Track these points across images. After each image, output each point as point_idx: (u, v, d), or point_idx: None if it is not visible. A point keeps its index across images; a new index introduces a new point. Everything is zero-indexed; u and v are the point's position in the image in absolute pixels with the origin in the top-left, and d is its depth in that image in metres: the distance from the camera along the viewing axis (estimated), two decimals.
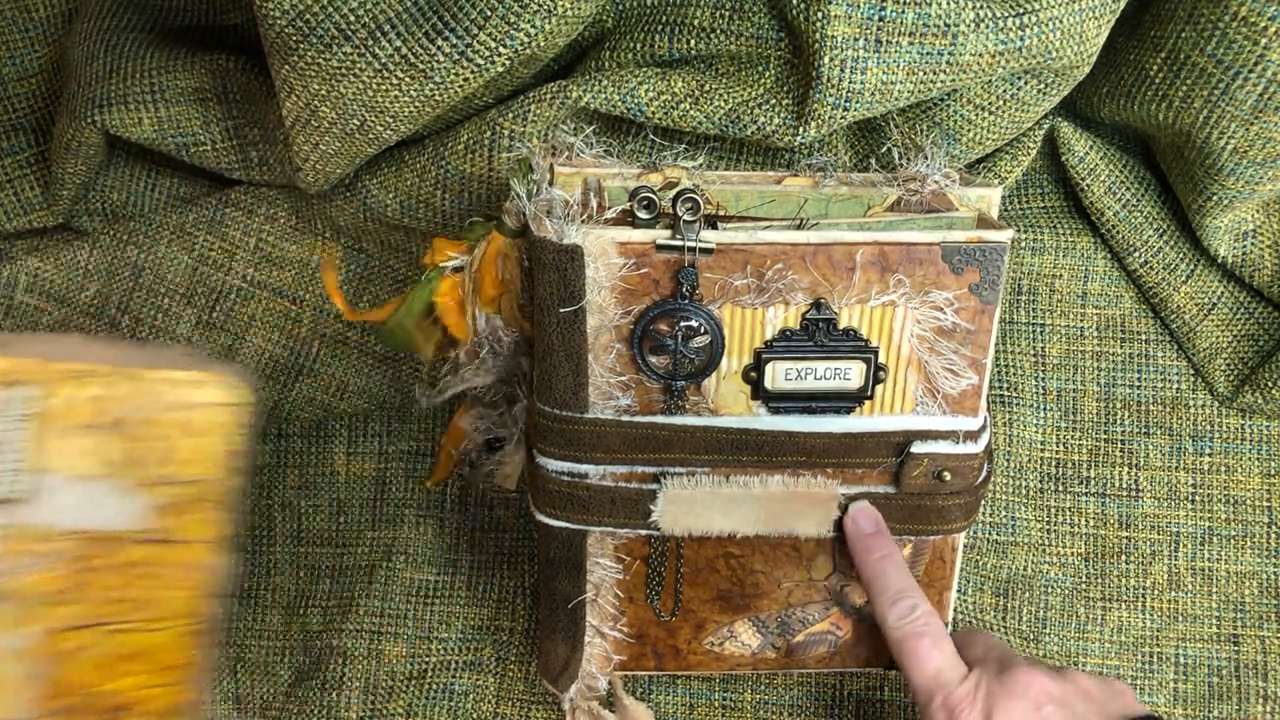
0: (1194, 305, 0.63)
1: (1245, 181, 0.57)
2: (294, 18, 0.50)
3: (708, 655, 0.56)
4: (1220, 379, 0.63)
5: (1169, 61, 0.56)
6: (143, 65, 0.60)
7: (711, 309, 0.47)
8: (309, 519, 0.63)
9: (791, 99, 0.53)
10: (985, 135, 0.57)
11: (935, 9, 0.51)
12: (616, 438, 0.49)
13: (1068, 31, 0.52)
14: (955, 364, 0.49)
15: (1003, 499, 0.63)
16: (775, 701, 0.61)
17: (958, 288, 0.47)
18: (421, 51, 0.49)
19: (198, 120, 0.60)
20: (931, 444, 0.50)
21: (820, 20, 0.50)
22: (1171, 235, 0.62)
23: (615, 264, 0.46)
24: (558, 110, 0.54)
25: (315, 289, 0.64)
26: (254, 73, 0.59)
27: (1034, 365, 0.63)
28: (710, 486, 0.50)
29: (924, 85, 0.52)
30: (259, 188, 0.63)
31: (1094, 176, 0.61)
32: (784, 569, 0.54)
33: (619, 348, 0.48)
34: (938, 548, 0.54)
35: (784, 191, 0.51)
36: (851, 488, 0.51)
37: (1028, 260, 0.63)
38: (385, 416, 0.64)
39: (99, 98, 0.59)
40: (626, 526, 0.51)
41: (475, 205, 0.57)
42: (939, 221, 0.49)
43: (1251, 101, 0.54)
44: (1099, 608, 0.63)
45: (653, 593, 0.54)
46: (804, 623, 0.55)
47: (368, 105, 0.51)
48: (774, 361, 0.48)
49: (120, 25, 0.62)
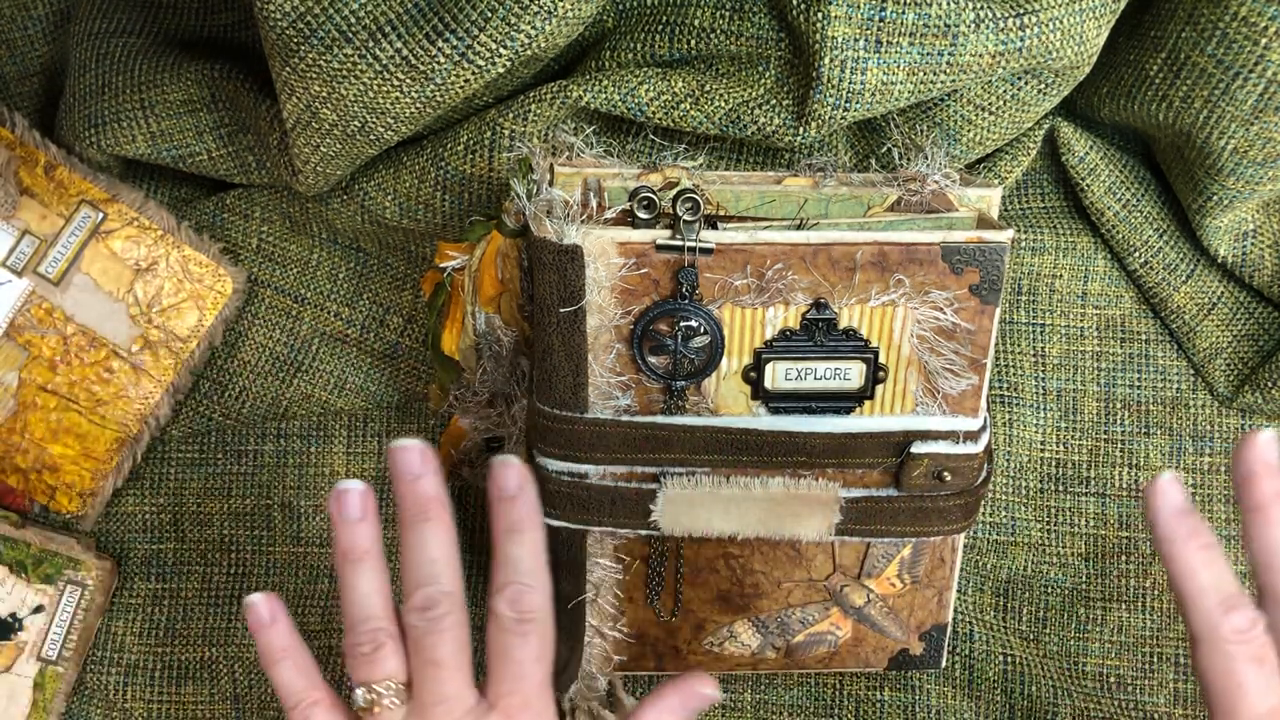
0: (1194, 305, 0.63)
1: (1245, 181, 0.57)
2: (295, 19, 0.50)
3: (707, 655, 0.56)
4: (1220, 379, 0.63)
5: (1169, 61, 0.56)
6: (133, 79, 0.60)
7: (711, 309, 0.47)
8: (309, 519, 0.63)
9: (792, 99, 0.53)
10: (985, 135, 0.57)
11: (935, 9, 0.50)
12: (616, 438, 0.49)
13: (1068, 31, 0.52)
14: (955, 364, 0.49)
15: (1003, 499, 0.63)
16: (775, 701, 0.61)
17: (958, 288, 0.47)
18: (422, 53, 0.49)
19: (190, 131, 0.60)
20: (931, 444, 0.50)
21: (820, 21, 0.50)
22: (1171, 235, 0.62)
23: (615, 264, 0.46)
24: (558, 110, 0.54)
25: (315, 287, 0.64)
26: (241, 79, 0.59)
27: (1034, 365, 0.63)
28: (710, 487, 0.50)
29: (924, 85, 0.52)
30: (256, 189, 0.63)
31: (1094, 176, 0.61)
32: (784, 569, 0.54)
33: (619, 348, 0.48)
34: (938, 548, 0.54)
35: (784, 191, 0.51)
36: (851, 488, 0.51)
37: (1028, 260, 0.63)
38: (385, 416, 0.64)
39: (94, 116, 0.59)
40: (626, 527, 0.51)
41: (475, 206, 0.57)
42: (939, 221, 0.49)
43: (1251, 101, 0.54)
44: (1099, 608, 0.63)
45: (653, 593, 0.54)
46: (804, 623, 0.55)
47: (368, 107, 0.51)
48: (774, 361, 0.48)
49: (111, 29, 0.62)
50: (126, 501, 0.63)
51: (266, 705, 0.62)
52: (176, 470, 0.64)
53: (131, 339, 0.60)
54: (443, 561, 0.42)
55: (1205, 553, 0.40)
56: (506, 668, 0.41)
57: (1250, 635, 0.39)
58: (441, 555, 0.42)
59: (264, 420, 0.64)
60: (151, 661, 0.62)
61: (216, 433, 0.64)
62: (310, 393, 0.64)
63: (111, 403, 0.61)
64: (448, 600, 0.41)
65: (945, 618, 0.57)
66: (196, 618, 0.63)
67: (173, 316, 0.61)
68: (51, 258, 0.59)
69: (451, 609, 0.41)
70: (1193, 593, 0.40)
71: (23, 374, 0.59)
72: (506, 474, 0.42)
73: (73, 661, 0.60)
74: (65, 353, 0.60)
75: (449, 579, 0.42)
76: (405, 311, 0.64)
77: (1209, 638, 0.39)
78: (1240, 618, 0.39)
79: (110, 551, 0.63)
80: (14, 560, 0.59)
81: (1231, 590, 0.39)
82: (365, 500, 0.43)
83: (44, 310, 0.59)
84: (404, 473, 0.42)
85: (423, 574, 0.41)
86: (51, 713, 0.60)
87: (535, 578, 0.41)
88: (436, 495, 0.42)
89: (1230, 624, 0.39)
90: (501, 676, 0.41)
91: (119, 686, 0.62)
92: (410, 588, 0.42)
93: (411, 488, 0.42)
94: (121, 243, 0.60)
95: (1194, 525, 0.40)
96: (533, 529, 0.42)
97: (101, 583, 0.61)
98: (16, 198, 0.58)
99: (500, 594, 0.41)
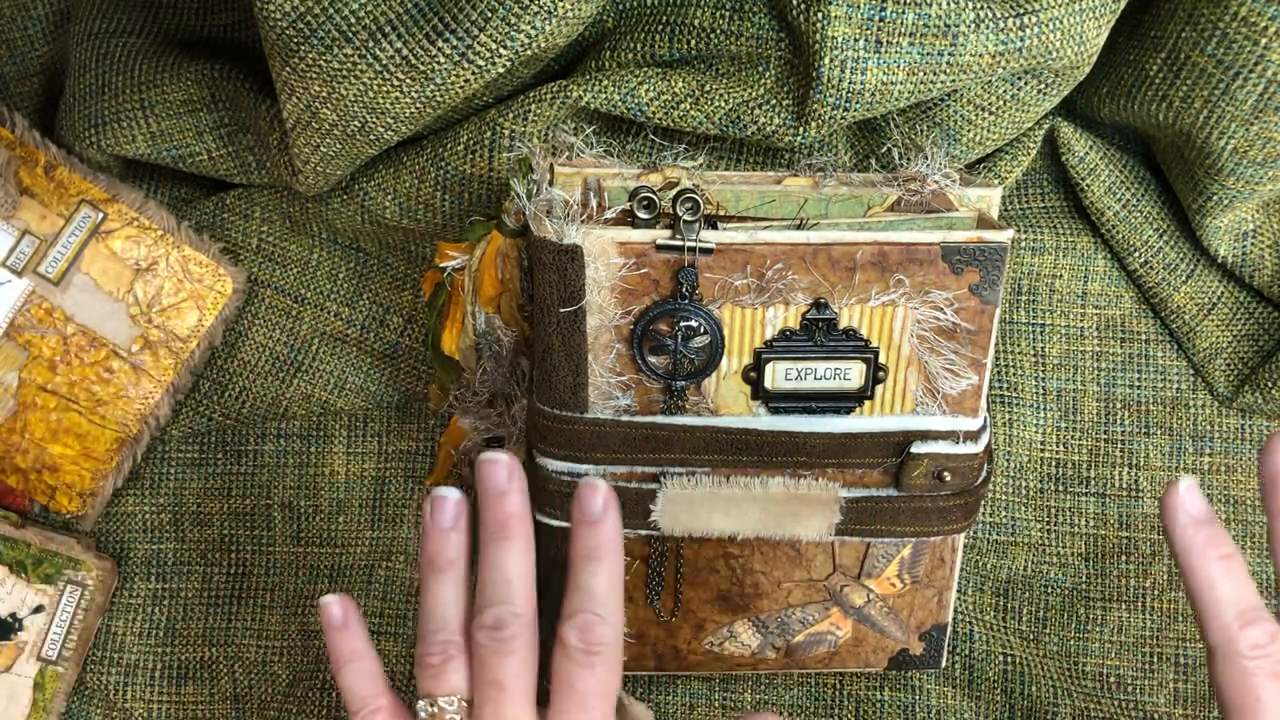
0: (1194, 305, 0.63)
1: (1245, 181, 0.57)
2: (295, 19, 0.50)
3: (708, 655, 0.56)
4: (1220, 379, 0.63)
5: (1169, 61, 0.56)
6: (132, 79, 0.60)
7: (711, 309, 0.47)
8: (308, 519, 0.63)
9: (792, 99, 0.53)
10: (985, 135, 0.57)
11: (935, 9, 0.51)
12: (616, 438, 0.49)
13: (1068, 31, 0.52)
14: (955, 364, 0.49)
15: (1003, 499, 0.63)
16: (775, 701, 0.61)
17: (958, 288, 0.47)
18: (422, 53, 0.49)
19: (190, 131, 0.60)
20: (931, 444, 0.50)
21: (820, 21, 0.50)
22: (1171, 235, 0.62)
23: (615, 264, 0.46)
24: (558, 110, 0.54)
25: (315, 287, 0.64)
26: (241, 79, 0.59)
27: (1034, 365, 0.63)
28: (710, 487, 0.50)
29: (924, 85, 0.52)
30: (256, 189, 0.63)
31: (1094, 176, 0.61)
32: (784, 569, 0.54)
33: (619, 348, 0.48)
34: (938, 548, 0.54)
35: (784, 191, 0.51)
36: (852, 488, 0.51)
37: (1028, 260, 0.63)
38: (385, 416, 0.64)
39: (94, 116, 0.59)
40: (626, 526, 0.51)
41: (475, 206, 0.57)
42: (939, 221, 0.49)
43: (1251, 101, 0.54)
44: (1099, 608, 0.63)
45: (653, 593, 0.54)
46: (804, 623, 0.55)
47: (369, 107, 0.51)
48: (774, 361, 0.48)
49: (111, 29, 0.61)
50: (126, 501, 0.63)
51: (266, 705, 0.62)
52: (176, 470, 0.64)
53: (131, 339, 0.60)
54: (518, 581, 0.41)
55: (1225, 563, 0.39)
56: (570, 699, 0.40)
57: (1269, 650, 0.38)
58: (517, 574, 0.41)
59: (264, 420, 0.64)
60: (151, 661, 0.62)
61: (216, 433, 0.64)
62: (310, 393, 0.64)
63: (111, 403, 0.61)
64: (517, 622, 0.40)
65: (945, 618, 0.57)
66: (196, 618, 0.63)
67: (173, 316, 0.61)
68: (51, 258, 0.59)
69: (520, 631, 0.40)
70: (1211, 605, 0.39)
71: (23, 374, 0.60)
72: (592, 497, 0.41)
73: (73, 661, 0.60)
74: (65, 353, 0.60)
75: (522, 601, 0.41)
76: (405, 311, 0.64)
77: (1226, 651, 0.38)
78: (1259, 631, 0.38)
79: (110, 551, 0.63)
80: (14, 560, 0.59)
81: (1251, 603, 0.38)
82: (459, 509, 0.42)
83: (44, 310, 0.59)
84: (490, 487, 0.42)
85: (496, 593, 0.41)
86: (51, 713, 0.60)
87: (608, 609, 0.40)
88: (519, 512, 0.42)
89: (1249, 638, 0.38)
90: (564, 708, 0.40)
91: (119, 686, 0.62)
92: (482, 604, 0.41)
93: (496, 503, 0.41)
94: (121, 243, 0.61)
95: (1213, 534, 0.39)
96: (613, 558, 0.40)
97: (101, 583, 0.61)
98: (16, 198, 0.58)
99: (569, 621, 0.40)
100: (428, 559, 0.42)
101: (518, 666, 0.40)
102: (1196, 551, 0.39)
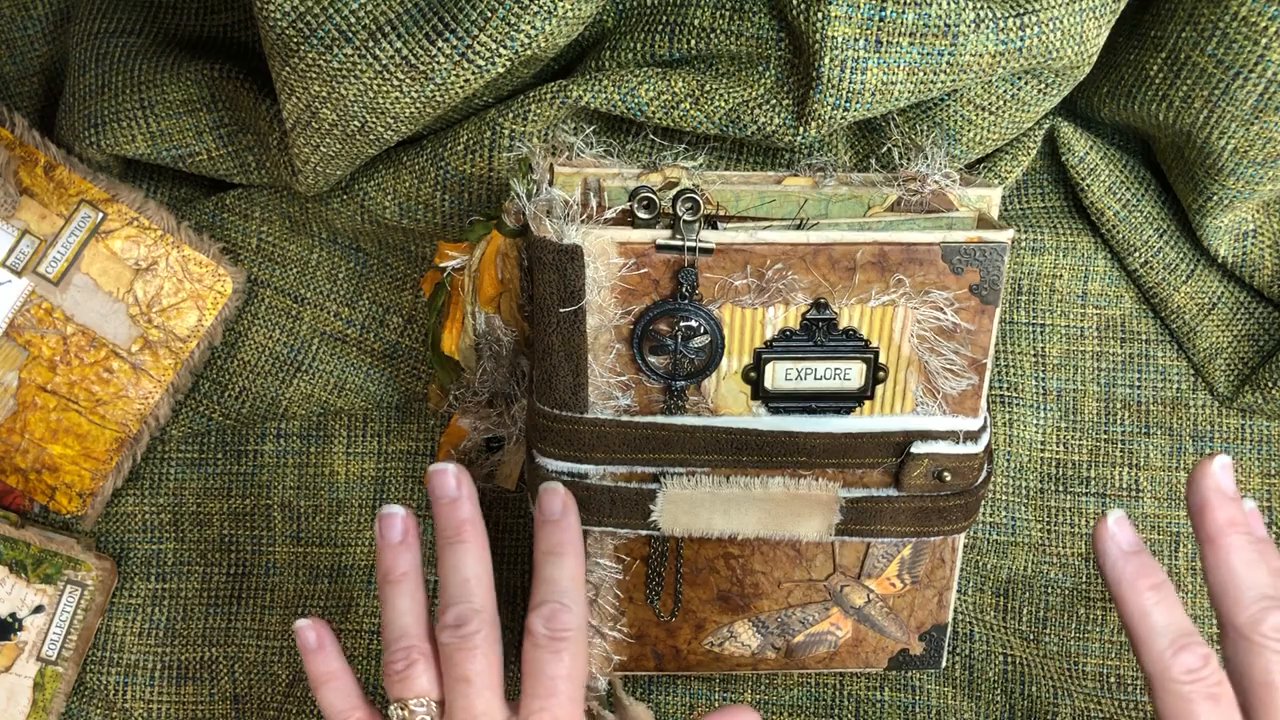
0: (1194, 305, 0.63)
1: (1245, 181, 0.57)
2: (295, 19, 0.50)
3: (708, 656, 0.56)
4: (1220, 379, 0.63)
5: (1169, 61, 0.56)
6: (132, 79, 0.60)
7: (711, 309, 0.47)
8: (308, 519, 0.63)
9: (792, 99, 0.53)
10: (985, 135, 0.57)
11: (935, 9, 0.50)
12: (616, 438, 0.49)
13: (1068, 31, 0.52)
14: (955, 364, 0.49)
15: (1003, 499, 0.63)
16: (775, 701, 0.61)
17: (958, 288, 0.47)
18: (422, 53, 0.49)
19: (190, 131, 0.60)
20: (932, 444, 0.50)
21: (820, 21, 0.50)
22: (1171, 235, 0.62)
23: (615, 264, 0.46)
24: (558, 110, 0.54)
25: (315, 287, 0.64)
26: (240, 79, 0.59)
27: (1034, 365, 0.63)
28: (710, 487, 0.50)
29: (924, 85, 0.52)
30: (255, 189, 0.63)
31: (1094, 176, 0.61)
32: (784, 569, 0.54)
33: (619, 348, 0.48)
34: (938, 548, 0.54)
35: (784, 191, 0.51)
36: (852, 488, 0.51)
37: (1028, 260, 0.63)
38: (385, 416, 0.64)
39: (94, 116, 0.59)
40: (626, 526, 0.51)
41: (475, 206, 0.57)
42: (939, 221, 0.49)
43: (1252, 101, 0.54)
44: (1099, 608, 0.63)
45: (653, 593, 0.54)
46: (804, 623, 0.55)
47: (368, 107, 0.51)
48: (774, 361, 0.48)
49: (111, 29, 0.61)
50: (126, 501, 0.63)
51: (266, 705, 0.62)
52: (176, 470, 0.64)
53: (131, 339, 0.60)
54: (475, 580, 0.43)
55: (1156, 593, 0.40)
56: (539, 684, 0.42)
57: (1202, 674, 0.38)
58: (474, 575, 0.43)
59: (264, 420, 0.64)
60: (151, 661, 0.62)
61: (216, 433, 0.64)
62: (310, 393, 0.64)
63: (111, 403, 0.61)
64: (478, 618, 0.42)
65: (945, 618, 0.57)
66: (196, 618, 0.63)
67: (173, 316, 0.61)
68: (51, 258, 0.59)
69: (481, 626, 0.42)
70: (1144, 634, 0.40)
71: (23, 374, 0.60)
72: (551, 499, 0.45)
73: (73, 661, 0.60)
74: (65, 353, 0.60)
75: (480, 597, 0.43)
76: (405, 311, 0.64)
77: (1162, 678, 0.39)
78: (1191, 656, 0.39)
79: (110, 551, 0.63)
80: (14, 560, 0.59)
81: (1183, 629, 0.39)
82: (407, 525, 0.45)
83: (44, 310, 0.59)
84: (440, 496, 0.45)
85: (456, 593, 0.43)
86: (51, 713, 0.60)
87: (572, 598, 0.43)
88: (469, 518, 0.44)
89: (1182, 664, 0.39)
90: (534, 693, 0.42)
91: (119, 686, 0.62)
92: (444, 605, 0.43)
93: (447, 510, 0.44)
94: (121, 243, 0.61)
95: (1143, 564, 0.40)
96: (574, 553, 0.44)
97: (101, 583, 0.61)
98: (16, 198, 0.58)
99: (536, 611, 0.42)
100: (382, 574, 0.44)
101: (482, 661, 0.42)
102: (1127, 582, 0.40)
